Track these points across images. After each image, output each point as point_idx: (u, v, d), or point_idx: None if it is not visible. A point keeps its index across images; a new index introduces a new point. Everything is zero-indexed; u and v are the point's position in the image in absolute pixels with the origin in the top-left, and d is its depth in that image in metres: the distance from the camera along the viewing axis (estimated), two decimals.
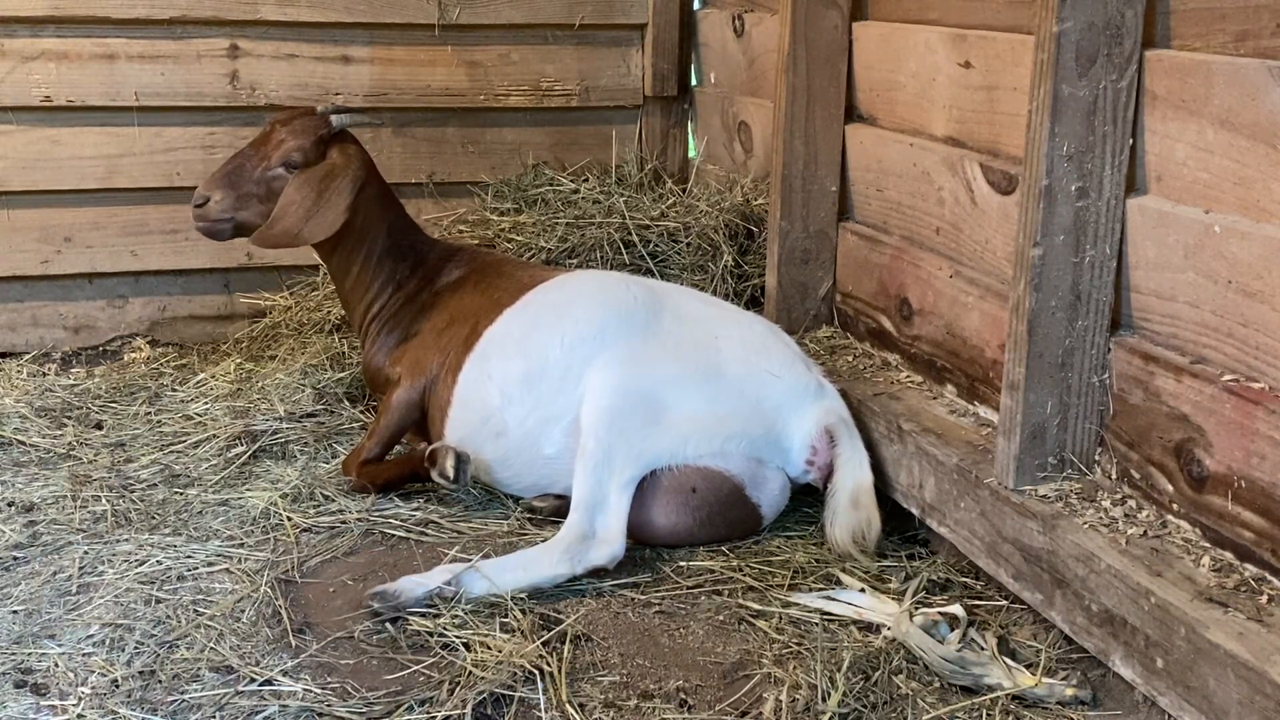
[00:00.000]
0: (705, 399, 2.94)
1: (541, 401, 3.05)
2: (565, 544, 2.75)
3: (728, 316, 3.21)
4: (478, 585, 2.66)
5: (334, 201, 3.38)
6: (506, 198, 4.45)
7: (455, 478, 3.03)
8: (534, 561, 2.74)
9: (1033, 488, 2.56)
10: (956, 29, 3.05)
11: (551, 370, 3.05)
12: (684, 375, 2.96)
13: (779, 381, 3.00)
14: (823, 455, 2.99)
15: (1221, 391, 2.25)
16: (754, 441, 2.95)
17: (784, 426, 2.98)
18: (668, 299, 3.21)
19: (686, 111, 4.76)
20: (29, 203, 4.17)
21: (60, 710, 2.30)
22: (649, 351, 3.00)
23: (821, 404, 3.01)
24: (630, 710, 2.34)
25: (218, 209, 3.40)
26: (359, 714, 2.31)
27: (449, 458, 3.04)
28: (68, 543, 2.92)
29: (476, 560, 2.73)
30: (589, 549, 2.75)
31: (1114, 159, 2.45)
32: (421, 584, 2.64)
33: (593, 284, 3.30)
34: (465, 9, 4.40)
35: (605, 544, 2.76)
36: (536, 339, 3.11)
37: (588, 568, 2.75)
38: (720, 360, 3.02)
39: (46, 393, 3.85)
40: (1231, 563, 2.24)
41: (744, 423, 2.94)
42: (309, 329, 4.16)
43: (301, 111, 3.52)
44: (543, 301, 3.24)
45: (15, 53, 4.03)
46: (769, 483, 2.99)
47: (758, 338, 3.11)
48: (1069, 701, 2.35)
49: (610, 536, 2.77)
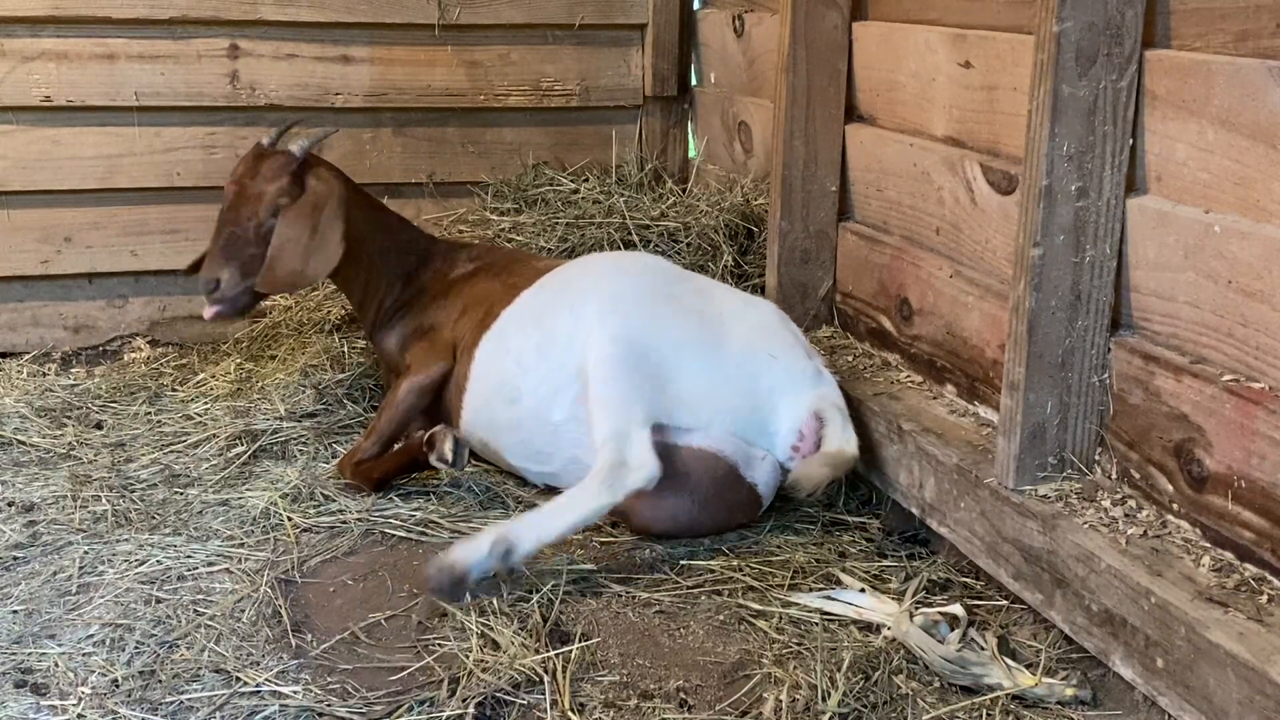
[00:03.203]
0: (704, 367, 2.96)
1: (554, 369, 3.06)
2: (602, 475, 2.74)
3: (739, 297, 3.24)
4: (527, 539, 2.67)
5: (328, 234, 3.37)
6: (506, 198, 4.45)
7: (453, 460, 3.05)
8: (574, 501, 2.73)
9: (1033, 488, 2.57)
10: (956, 29, 3.05)
11: (561, 338, 3.06)
12: (684, 339, 2.98)
13: (776, 363, 3.01)
14: (808, 442, 2.98)
15: (1221, 391, 2.25)
16: (741, 420, 2.96)
17: (773, 409, 2.99)
18: (685, 274, 3.27)
19: (686, 111, 4.76)
20: (29, 203, 4.17)
21: (60, 710, 2.30)
22: (654, 311, 3.02)
23: (816, 390, 3.02)
24: (630, 710, 2.34)
25: (231, 286, 3.35)
26: (359, 714, 2.31)
27: (447, 440, 3.06)
28: (68, 543, 2.92)
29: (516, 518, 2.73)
30: (625, 474, 2.74)
31: (1114, 159, 2.45)
32: (474, 550, 2.63)
33: (609, 260, 3.36)
34: (465, 9, 4.40)
35: (640, 467, 2.75)
36: (551, 312, 3.14)
37: (627, 492, 2.74)
38: (722, 334, 3.03)
39: (46, 393, 3.85)
40: (1231, 563, 2.24)
41: (734, 398, 2.96)
42: (309, 329, 4.15)
43: (259, 154, 3.43)
44: (559, 279, 3.28)
45: (15, 53, 4.03)
46: (761, 463, 2.99)
47: (764, 320, 3.13)
48: (1069, 701, 2.35)
49: (643, 460, 2.76)
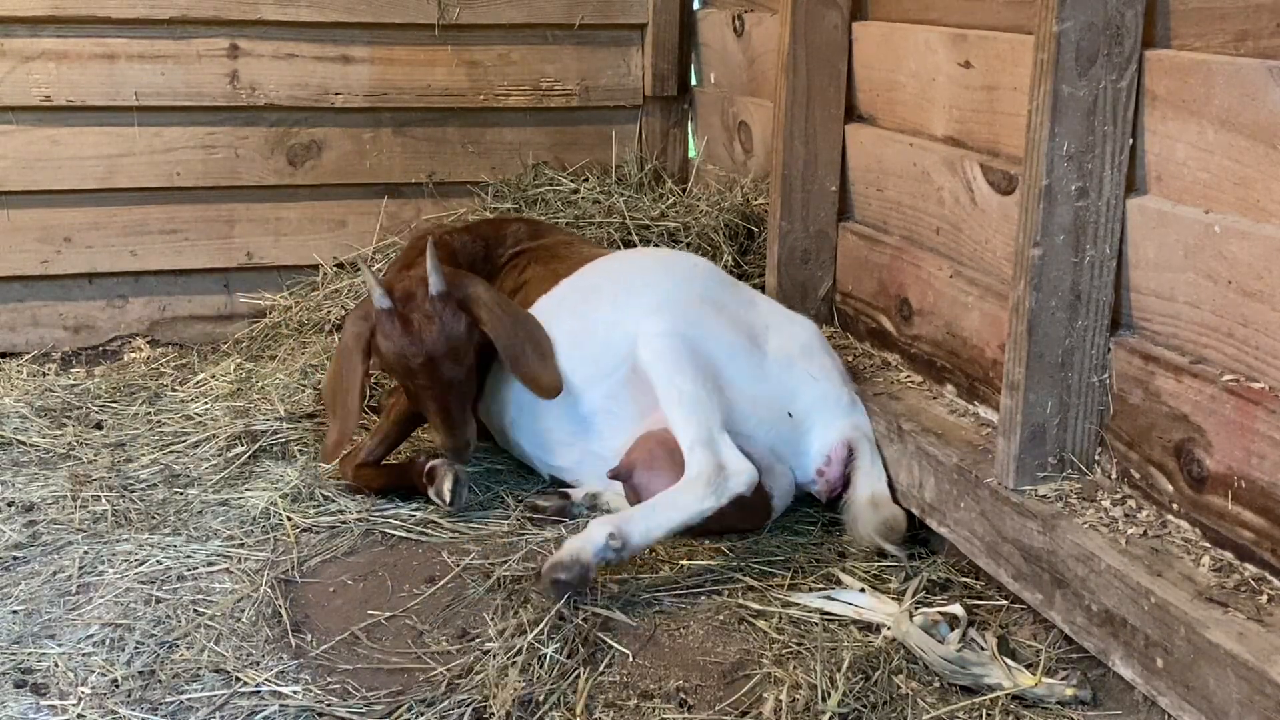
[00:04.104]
0: (749, 376, 2.97)
1: (587, 360, 3.05)
2: (705, 478, 2.75)
3: (782, 312, 3.24)
4: (636, 534, 2.69)
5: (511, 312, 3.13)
6: (506, 198, 4.45)
7: (451, 500, 3.03)
8: (679, 502, 2.74)
9: (1033, 488, 2.56)
10: (956, 29, 3.05)
11: (599, 330, 3.05)
12: (735, 346, 2.98)
13: (815, 385, 3.02)
14: (834, 469, 3.01)
15: (1221, 391, 2.25)
16: (778, 434, 2.97)
17: (808, 430, 3.01)
18: (731, 281, 3.27)
19: (686, 111, 4.76)
20: (29, 203, 4.17)
21: (60, 710, 2.30)
22: (704, 313, 3.01)
23: (850, 419, 3.03)
24: (630, 710, 2.34)
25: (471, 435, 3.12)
26: (359, 714, 2.31)
27: (447, 479, 3.04)
28: (68, 543, 2.92)
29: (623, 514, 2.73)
30: (727, 479, 2.76)
31: (1114, 159, 2.45)
32: (588, 542, 2.64)
33: (654, 255, 3.35)
34: (465, 9, 4.40)
35: (741, 473, 2.77)
36: (590, 302, 3.12)
37: (731, 496, 2.76)
38: (766, 348, 3.04)
39: (46, 393, 3.84)
40: (1231, 563, 2.24)
41: (775, 412, 2.97)
42: (309, 329, 4.15)
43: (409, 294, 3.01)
44: (602, 269, 3.26)
45: (15, 53, 4.03)
46: (782, 477, 3.00)
47: (806, 339, 3.13)
48: (1069, 701, 2.34)
49: (741, 466, 2.78)
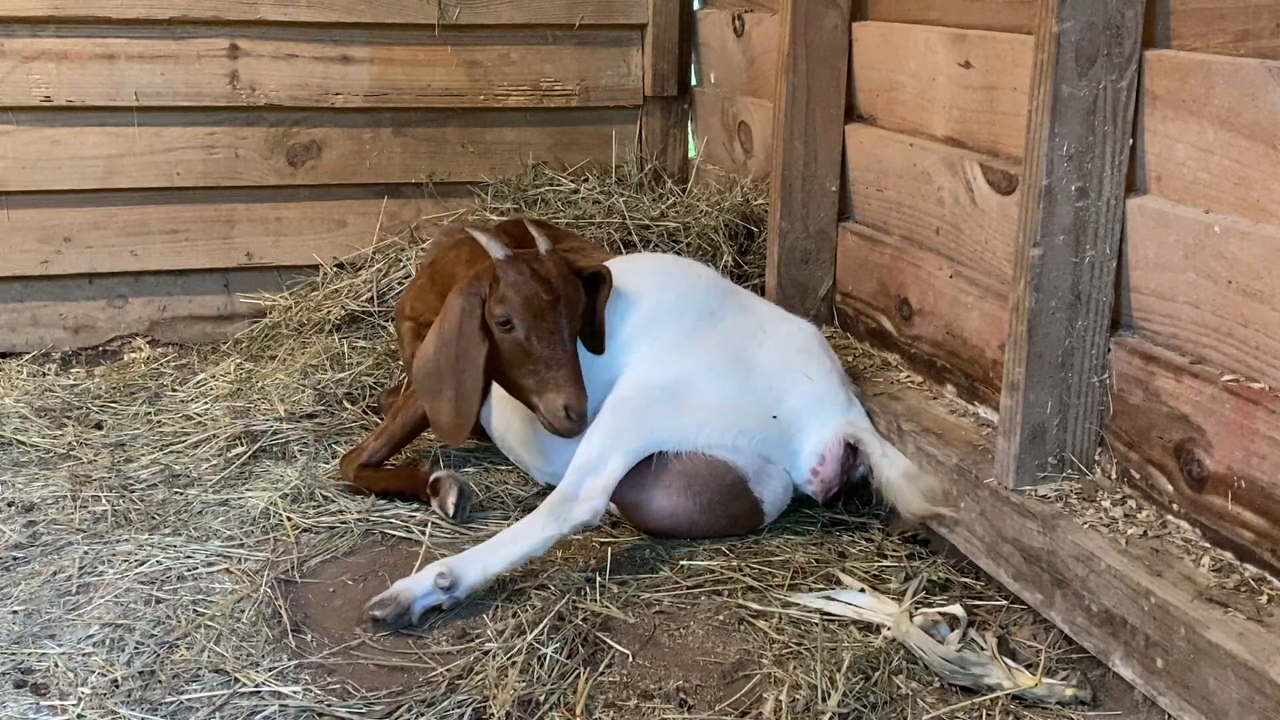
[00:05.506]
0: (732, 389, 2.95)
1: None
2: (550, 507, 2.76)
3: (781, 315, 3.23)
4: (471, 572, 2.66)
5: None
6: (506, 198, 4.45)
7: (454, 514, 3.04)
8: (522, 532, 2.74)
9: (1033, 488, 2.56)
10: (956, 29, 3.05)
11: None
12: (718, 365, 2.97)
13: (810, 385, 3.01)
14: (829, 468, 3.00)
15: (1221, 391, 2.25)
16: (766, 439, 2.96)
17: (800, 430, 2.99)
18: (730, 287, 3.25)
19: (686, 111, 4.76)
20: (29, 203, 4.17)
21: (60, 710, 2.30)
22: (691, 339, 3.00)
23: (845, 416, 3.02)
24: (630, 710, 2.34)
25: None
26: (359, 714, 2.31)
27: (451, 493, 3.04)
28: (68, 543, 2.92)
29: (463, 554, 2.71)
30: (571, 508, 2.75)
31: (1114, 159, 2.45)
32: (417, 583, 2.64)
33: (656, 264, 3.31)
34: (465, 9, 4.40)
35: (586, 500, 2.76)
36: None
37: (574, 525, 2.75)
38: (760, 352, 3.03)
39: (46, 393, 3.85)
40: (1231, 563, 2.24)
41: (759, 418, 2.95)
42: (309, 329, 4.15)
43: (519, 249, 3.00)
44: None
45: (15, 53, 4.03)
46: (773, 480, 2.99)
47: (804, 340, 3.12)
48: (1069, 701, 2.34)
49: (592, 494, 2.77)
